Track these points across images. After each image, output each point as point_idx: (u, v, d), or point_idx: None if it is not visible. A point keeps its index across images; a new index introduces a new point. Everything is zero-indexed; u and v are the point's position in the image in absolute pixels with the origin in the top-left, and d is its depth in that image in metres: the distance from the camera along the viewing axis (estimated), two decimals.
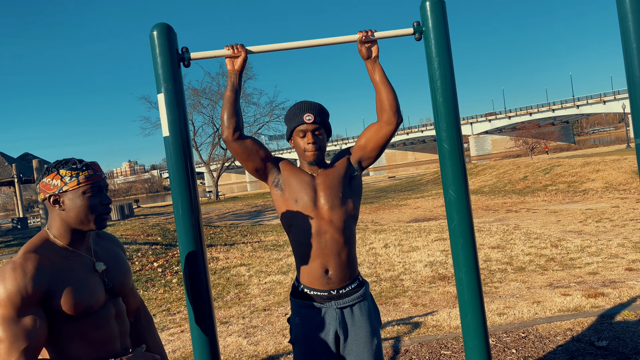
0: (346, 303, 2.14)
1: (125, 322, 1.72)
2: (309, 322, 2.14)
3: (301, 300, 2.17)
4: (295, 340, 2.17)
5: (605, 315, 4.29)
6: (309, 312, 2.15)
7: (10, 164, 28.54)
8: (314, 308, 2.14)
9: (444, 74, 2.10)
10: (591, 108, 74.33)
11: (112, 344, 1.62)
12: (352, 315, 2.15)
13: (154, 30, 2.13)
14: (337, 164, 2.22)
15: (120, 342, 1.67)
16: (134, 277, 8.30)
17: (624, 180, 16.42)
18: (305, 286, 2.17)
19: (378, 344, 2.17)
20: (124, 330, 1.70)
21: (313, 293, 2.14)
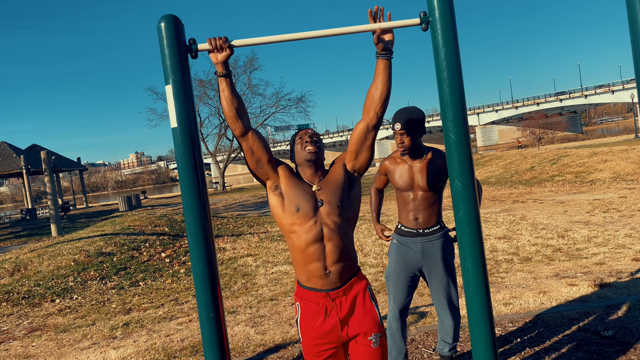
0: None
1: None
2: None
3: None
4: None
5: (611, 305, 4.29)
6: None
7: (18, 155, 28.73)
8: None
9: (450, 64, 2.10)
10: (599, 98, 73.59)
11: None
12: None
13: (161, 21, 2.13)
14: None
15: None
16: (141, 267, 8.37)
17: (632, 171, 16.30)
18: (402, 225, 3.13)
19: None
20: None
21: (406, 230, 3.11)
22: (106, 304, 6.58)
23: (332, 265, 2.17)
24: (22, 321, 6.07)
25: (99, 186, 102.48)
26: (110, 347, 4.69)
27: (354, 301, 2.22)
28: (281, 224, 2.23)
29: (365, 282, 2.28)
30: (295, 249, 2.20)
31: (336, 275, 2.18)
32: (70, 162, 35.51)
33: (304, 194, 2.20)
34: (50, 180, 16.21)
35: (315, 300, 2.21)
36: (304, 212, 2.16)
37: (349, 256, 2.22)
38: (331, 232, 2.17)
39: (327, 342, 2.22)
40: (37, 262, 8.71)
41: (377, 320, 2.25)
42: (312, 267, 2.17)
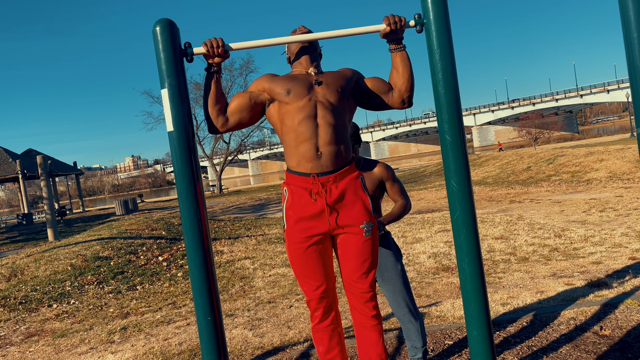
0: None
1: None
2: None
3: None
4: None
5: (608, 304, 4.30)
6: None
7: (14, 160, 28.64)
8: None
9: (445, 65, 2.11)
10: (595, 97, 73.87)
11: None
12: None
13: (156, 25, 2.14)
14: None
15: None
16: (138, 271, 8.36)
17: (628, 170, 16.37)
18: None
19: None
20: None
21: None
22: (103, 308, 6.56)
23: (324, 145, 2.08)
24: (19, 326, 6.05)
25: (95, 190, 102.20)
26: (108, 351, 4.68)
27: (344, 191, 2.13)
28: (276, 119, 2.17)
29: (358, 172, 2.20)
30: (288, 131, 2.11)
31: (328, 159, 2.08)
32: (66, 166, 35.42)
33: (297, 79, 2.14)
34: (46, 185, 16.17)
35: (303, 184, 2.11)
36: (296, 91, 2.10)
37: (342, 141, 2.12)
38: (325, 110, 2.09)
39: (314, 226, 2.12)
40: (34, 267, 8.68)
41: (369, 209, 2.17)
42: (303, 148, 2.08)
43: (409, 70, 2.15)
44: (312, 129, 2.08)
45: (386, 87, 2.20)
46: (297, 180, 2.13)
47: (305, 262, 2.15)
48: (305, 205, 2.11)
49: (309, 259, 2.15)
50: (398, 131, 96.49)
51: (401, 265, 3.05)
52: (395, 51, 2.14)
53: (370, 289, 2.21)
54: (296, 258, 2.17)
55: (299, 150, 2.09)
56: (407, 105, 2.17)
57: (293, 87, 2.11)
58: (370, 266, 2.19)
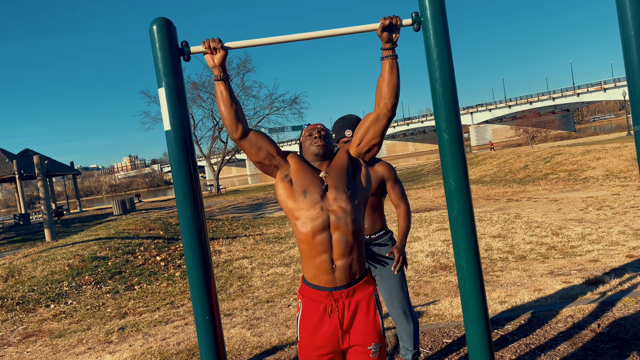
0: None
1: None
2: None
3: None
4: None
5: (606, 302, 4.31)
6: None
7: (11, 160, 28.57)
8: None
9: (442, 64, 2.11)
10: (591, 96, 74.02)
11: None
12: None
13: (153, 24, 2.13)
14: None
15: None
16: (136, 271, 8.34)
17: (625, 168, 16.41)
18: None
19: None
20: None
21: None
22: (101, 308, 6.55)
23: (338, 258, 2.08)
24: (17, 327, 6.03)
25: (92, 190, 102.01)
26: (106, 351, 4.67)
27: (357, 307, 2.14)
28: (288, 209, 2.17)
29: (372, 288, 2.19)
30: (302, 240, 2.12)
31: (342, 272, 2.09)
32: (63, 166, 35.34)
33: (312, 179, 2.16)
34: (43, 185, 16.12)
35: (317, 299, 2.13)
36: (312, 197, 2.11)
37: (357, 251, 2.13)
38: (338, 221, 2.09)
39: (325, 346, 2.15)
40: (31, 268, 8.65)
41: (379, 330, 2.17)
42: (318, 260, 2.10)
43: (396, 77, 2.12)
44: (327, 242, 2.08)
45: (370, 117, 2.20)
46: (312, 294, 2.15)
47: None
48: (318, 321, 2.15)
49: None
50: (395, 130, 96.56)
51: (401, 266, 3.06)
52: (386, 58, 2.12)
53: None
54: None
55: (314, 262, 2.11)
56: (390, 114, 2.15)
57: (309, 191, 2.13)
58: None
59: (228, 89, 2.12)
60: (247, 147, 2.16)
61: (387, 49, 2.13)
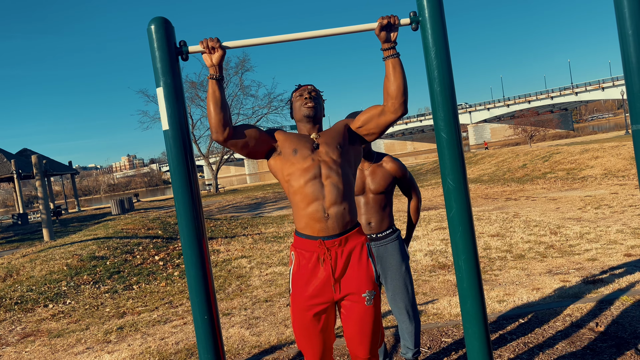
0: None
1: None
2: None
3: None
4: None
5: (604, 300, 4.32)
6: None
7: (9, 160, 28.52)
8: None
9: (441, 63, 2.11)
10: (590, 95, 74.11)
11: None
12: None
13: (151, 24, 2.13)
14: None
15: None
16: (135, 271, 8.34)
17: (623, 167, 16.44)
18: None
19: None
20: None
21: None
22: (100, 308, 6.55)
23: (330, 206, 2.10)
24: (15, 327, 6.02)
25: (91, 190, 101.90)
26: (104, 351, 4.67)
27: (350, 256, 2.15)
28: (282, 175, 2.20)
29: (364, 237, 2.21)
30: (294, 193, 2.15)
31: (334, 221, 2.11)
32: (61, 165, 35.29)
33: (302, 140, 2.19)
34: (41, 185, 16.10)
35: (310, 249, 2.14)
36: (302, 153, 2.14)
37: (348, 201, 2.15)
38: (329, 170, 2.13)
39: (319, 295, 2.15)
40: (30, 267, 8.65)
41: (373, 278, 2.18)
42: (310, 209, 2.11)
43: (401, 76, 2.12)
44: (319, 190, 2.10)
45: (378, 109, 2.20)
46: (304, 245, 2.15)
47: (307, 331, 2.18)
48: (311, 272, 2.14)
49: (311, 328, 2.17)
50: (394, 129, 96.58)
51: (406, 267, 3.06)
52: (388, 58, 2.12)
53: (369, 355, 2.24)
54: (299, 325, 2.20)
55: (307, 212, 2.12)
56: (401, 112, 2.15)
57: (299, 148, 2.16)
58: (371, 334, 2.20)
59: (220, 90, 2.12)
60: (233, 144, 2.17)
61: (387, 49, 2.13)
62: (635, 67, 1.98)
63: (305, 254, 2.15)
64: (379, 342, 2.27)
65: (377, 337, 2.24)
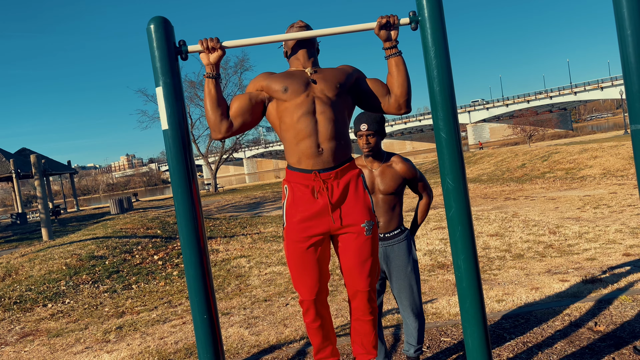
0: None
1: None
2: None
3: None
4: None
5: (602, 300, 4.33)
6: None
7: (7, 159, 28.49)
8: None
9: (440, 63, 2.11)
10: (589, 95, 74.15)
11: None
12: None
13: (151, 23, 2.13)
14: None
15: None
16: (134, 270, 8.34)
17: (622, 167, 16.45)
18: None
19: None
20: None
21: None
22: (99, 307, 6.54)
23: (324, 141, 2.06)
24: (14, 326, 6.02)
25: (89, 189, 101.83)
26: (103, 350, 4.67)
27: (347, 187, 2.11)
28: (274, 117, 2.15)
29: (358, 170, 2.18)
30: (287, 128, 2.09)
31: (329, 154, 2.07)
32: (60, 165, 35.26)
33: (293, 76, 2.13)
34: (40, 184, 16.09)
35: (304, 182, 2.08)
36: (293, 88, 2.08)
37: (342, 136, 2.11)
38: (324, 105, 2.07)
39: (315, 225, 2.09)
40: (29, 267, 8.64)
41: (370, 208, 2.15)
42: (303, 145, 2.06)
43: (403, 75, 2.12)
44: (312, 125, 2.05)
45: (385, 91, 2.19)
46: (298, 177, 2.10)
47: (303, 262, 2.12)
48: (306, 203, 2.09)
49: (307, 260, 2.12)
50: (393, 129, 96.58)
51: (412, 266, 3.06)
52: (391, 57, 2.12)
53: (369, 287, 2.19)
54: (294, 258, 2.14)
55: (299, 148, 2.07)
56: (403, 110, 2.15)
57: (290, 84, 2.09)
58: (370, 265, 2.17)
59: (217, 88, 2.11)
60: (235, 133, 2.16)
61: (389, 48, 2.13)
62: (634, 67, 1.98)
63: (300, 187, 2.10)
64: (376, 275, 2.23)
65: (375, 269, 2.21)
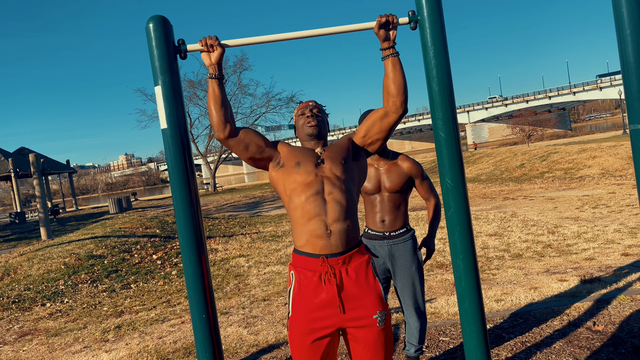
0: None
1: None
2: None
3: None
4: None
5: (601, 300, 4.33)
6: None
7: (6, 158, 28.47)
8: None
9: (439, 62, 2.11)
10: (587, 95, 74.20)
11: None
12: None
13: (150, 22, 2.12)
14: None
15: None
16: (132, 269, 8.33)
17: (620, 167, 16.47)
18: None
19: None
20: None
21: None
22: (97, 307, 6.54)
23: (333, 223, 1.98)
24: (13, 325, 6.01)
25: (88, 189, 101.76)
26: (102, 350, 4.66)
27: (357, 275, 2.00)
28: (282, 189, 2.11)
29: (368, 255, 2.08)
30: (295, 208, 2.04)
31: (337, 238, 1.98)
32: (59, 164, 35.23)
33: (306, 154, 2.13)
34: (39, 183, 16.07)
35: (312, 267, 1.99)
36: (305, 167, 2.06)
37: (351, 218, 2.04)
38: (332, 186, 2.03)
39: (323, 317, 1.97)
40: (27, 266, 8.63)
41: (382, 298, 2.04)
42: (311, 225, 1.99)
43: (400, 74, 2.08)
44: (320, 206, 2.00)
45: (378, 112, 2.14)
46: (305, 263, 2.01)
47: (308, 357, 2.00)
48: (314, 291, 1.99)
49: (313, 354, 2.00)
50: None
51: (416, 266, 3.07)
52: (387, 57, 2.09)
53: None
54: (299, 351, 2.02)
55: (307, 228, 2.00)
56: (402, 110, 2.10)
57: (303, 161, 2.09)
58: (384, 358, 2.05)
59: (221, 89, 2.10)
60: (234, 145, 2.11)
61: (386, 48, 2.11)
62: (634, 67, 1.98)
63: (307, 273, 2.00)
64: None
65: (390, 358, 2.09)
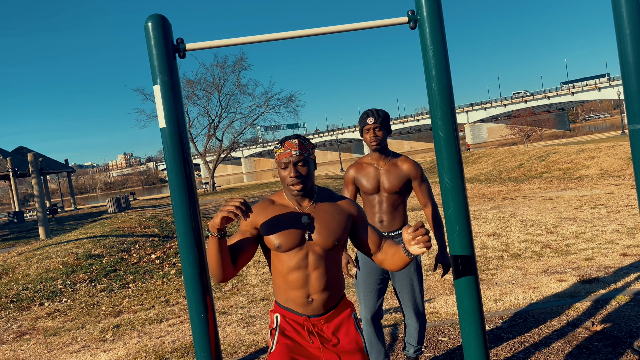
0: None
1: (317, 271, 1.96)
2: None
3: None
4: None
5: (600, 300, 4.33)
6: None
7: (5, 157, 28.41)
8: None
9: (438, 62, 2.11)
10: (586, 95, 74.30)
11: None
12: None
13: (148, 21, 2.12)
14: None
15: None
16: (131, 269, 8.32)
17: (619, 167, 16.49)
18: None
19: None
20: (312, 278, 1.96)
21: None
22: (96, 306, 6.53)
23: (315, 293, 1.95)
24: (11, 325, 6.00)
25: (87, 188, 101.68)
26: (100, 349, 4.66)
27: (338, 329, 2.02)
28: (266, 248, 2.01)
29: (350, 309, 2.07)
30: (276, 272, 1.98)
31: (319, 303, 1.97)
32: (57, 164, 35.18)
33: (288, 224, 1.93)
34: (37, 183, 16.05)
35: (295, 319, 2.00)
36: (287, 246, 1.91)
37: (335, 284, 2.00)
38: (319, 261, 1.94)
39: (307, 356, 1.96)
40: (25, 266, 8.61)
41: (363, 348, 2.03)
42: (293, 294, 1.95)
43: (398, 269, 1.96)
44: (303, 280, 1.93)
45: (377, 244, 2.05)
46: (289, 315, 2.01)
47: None
48: (298, 335, 2.00)
49: None
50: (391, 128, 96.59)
51: (415, 267, 3.06)
52: (404, 254, 1.85)
53: None
54: None
55: (289, 294, 1.97)
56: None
57: (284, 241, 1.91)
58: None
59: (226, 246, 1.85)
60: (239, 271, 2.02)
61: (407, 251, 1.85)
62: (633, 67, 1.98)
63: (291, 322, 2.00)
64: None
65: None
